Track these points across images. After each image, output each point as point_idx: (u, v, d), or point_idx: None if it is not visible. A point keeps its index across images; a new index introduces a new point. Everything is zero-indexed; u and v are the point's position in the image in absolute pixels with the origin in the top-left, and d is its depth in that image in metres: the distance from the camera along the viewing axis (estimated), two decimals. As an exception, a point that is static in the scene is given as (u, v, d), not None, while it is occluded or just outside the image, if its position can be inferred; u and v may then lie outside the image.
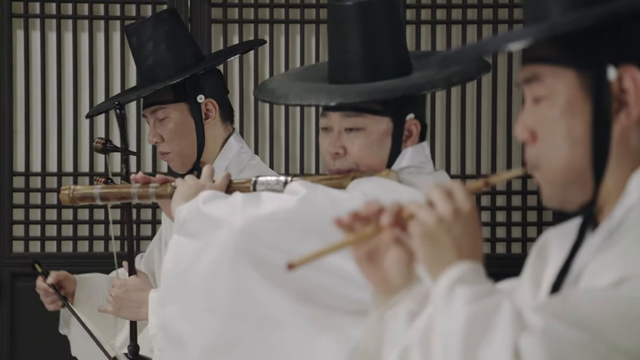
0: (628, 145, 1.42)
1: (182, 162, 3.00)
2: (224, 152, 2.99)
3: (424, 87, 2.35)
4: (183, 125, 2.97)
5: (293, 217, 2.23)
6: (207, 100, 2.98)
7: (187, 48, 3.03)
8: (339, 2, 2.42)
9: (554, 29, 1.38)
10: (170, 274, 2.32)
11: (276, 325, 2.24)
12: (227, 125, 3.03)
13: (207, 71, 3.00)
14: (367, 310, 1.61)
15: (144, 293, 2.73)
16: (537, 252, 1.56)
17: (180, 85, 2.96)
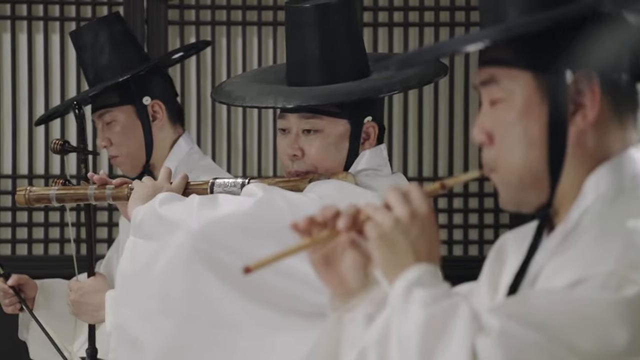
0: (584, 148, 1.43)
1: (132, 165, 2.99)
2: (173, 153, 2.99)
3: (382, 90, 2.36)
4: (130, 128, 2.97)
5: (249, 219, 2.23)
6: (153, 102, 2.98)
7: (133, 51, 3.03)
8: (296, 5, 2.42)
9: (510, 31, 1.39)
10: (126, 275, 2.31)
11: (232, 327, 2.24)
12: (176, 127, 3.03)
13: (154, 73, 3.00)
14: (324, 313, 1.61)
15: (101, 295, 2.71)
16: (494, 255, 1.56)
17: (126, 88, 2.96)
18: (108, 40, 2.99)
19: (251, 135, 4.44)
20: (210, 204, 2.26)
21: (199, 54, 4.27)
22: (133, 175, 2.99)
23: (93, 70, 3.00)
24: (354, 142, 2.38)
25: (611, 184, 1.42)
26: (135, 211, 2.32)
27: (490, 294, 1.53)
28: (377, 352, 1.40)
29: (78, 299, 2.74)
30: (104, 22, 3.05)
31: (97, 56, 2.99)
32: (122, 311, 2.30)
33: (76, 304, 2.74)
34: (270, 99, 2.37)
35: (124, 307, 2.30)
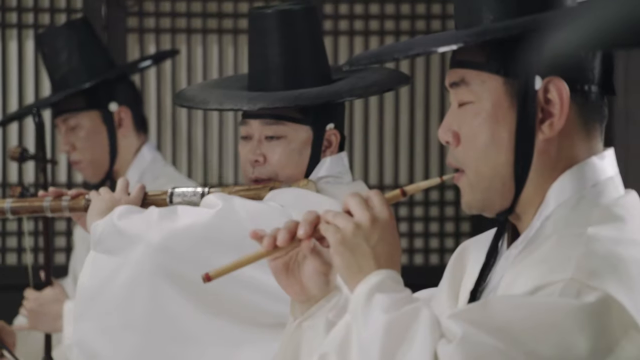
0: (549, 156, 1.43)
1: (94, 171, 2.96)
2: (137, 161, 2.97)
3: (345, 95, 2.35)
4: (95, 134, 2.95)
5: (210, 231, 2.22)
6: (119, 109, 2.96)
7: (100, 56, 3.01)
8: (259, 11, 2.42)
9: (485, 35, 1.39)
10: (86, 290, 2.29)
11: (193, 341, 2.23)
12: (140, 135, 3.01)
13: (120, 80, 2.98)
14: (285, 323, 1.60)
15: (59, 305, 2.69)
16: (455, 261, 1.56)
17: (93, 93, 2.94)
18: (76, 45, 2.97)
19: (211, 143, 4.43)
20: (169, 216, 2.25)
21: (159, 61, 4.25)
22: (95, 181, 2.96)
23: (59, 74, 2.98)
24: (315, 149, 2.38)
25: (573, 192, 1.43)
26: (94, 225, 2.30)
27: (451, 300, 1.53)
28: (338, 357, 1.40)
29: (36, 309, 2.71)
30: (72, 26, 3.03)
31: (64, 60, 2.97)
32: (82, 326, 2.28)
33: (33, 314, 2.71)
34: (234, 102, 2.36)
35: (85, 322, 2.29)
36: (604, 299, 1.31)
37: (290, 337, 1.55)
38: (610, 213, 1.41)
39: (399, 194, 1.49)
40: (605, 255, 1.35)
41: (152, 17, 4.41)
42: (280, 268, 1.53)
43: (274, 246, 1.49)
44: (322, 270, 1.51)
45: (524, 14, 1.42)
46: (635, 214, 1.44)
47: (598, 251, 1.35)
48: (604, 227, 1.39)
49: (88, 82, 2.92)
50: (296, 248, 1.50)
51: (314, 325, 1.53)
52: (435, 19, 4.42)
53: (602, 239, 1.37)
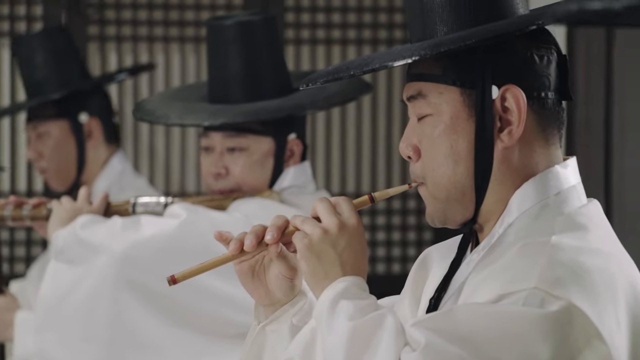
0: (510, 164, 1.44)
1: (60, 180, 2.95)
2: (106, 172, 2.96)
3: (307, 107, 2.36)
4: (62, 143, 2.93)
5: (173, 241, 2.21)
6: (90, 120, 2.95)
7: (74, 66, 3.00)
8: (218, 22, 2.42)
9: (438, 47, 1.39)
10: (48, 300, 2.28)
11: (156, 352, 2.22)
12: (110, 146, 3.00)
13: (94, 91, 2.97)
14: (249, 333, 1.60)
15: (11, 314, 2.67)
16: (417, 268, 1.56)
17: (64, 102, 2.93)
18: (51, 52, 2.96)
19: (172, 153, 4.41)
20: (133, 227, 2.24)
21: (119, 69, 4.23)
22: (61, 190, 2.95)
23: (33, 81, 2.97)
24: (278, 159, 2.38)
25: (536, 200, 1.43)
26: (55, 235, 2.29)
27: (413, 307, 1.53)
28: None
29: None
30: (49, 33, 3.02)
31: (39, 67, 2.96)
32: (43, 337, 2.27)
33: None
34: (196, 117, 2.36)
35: (46, 332, 2.27)
36: (567, 308, 1.31)
37: (254, 341, 1.55)
38: (574, 222, 1.42)
39: (367, 200, 1.49)
40: (569, 265, 1.35)
41: (113, 25, 4.39)
42: (246, 271, 1.53)
43: (240, 250, 1.49)
44: (287, 275, 1.51)
45: (477, 25, 1.42)
46: (598, 223, 1.45)
47: (561, 260, 1.36)
48: (567, 236, 1.39)
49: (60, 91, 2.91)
50: (263, 252, 1.50)
51: (278, 330, 1.53)
52: (398, 28, 4.44)
53: (565, 248, 1.38)
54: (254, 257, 1.52)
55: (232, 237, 1.51)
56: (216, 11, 4.37)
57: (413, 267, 1.57)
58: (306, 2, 4.42)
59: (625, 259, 1.43)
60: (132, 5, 4.37)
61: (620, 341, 1.34)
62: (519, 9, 1.45)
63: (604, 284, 1.35)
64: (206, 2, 4.38)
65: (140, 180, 3.02)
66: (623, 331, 1.35)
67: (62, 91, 2.90)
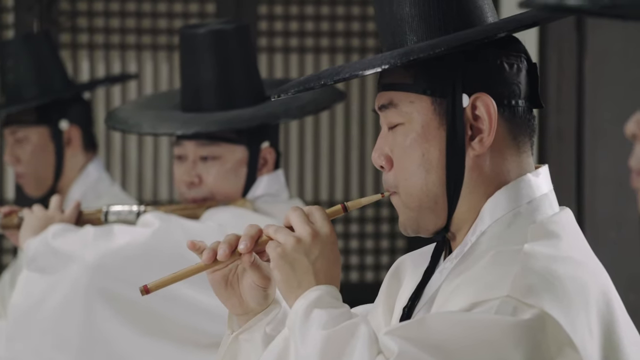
0: (482, 172, 1.44)
1: (37, 186, 2.94)
2: (81, 179, 2.95)
3: (281, 116, 2.36)
4: (41, 150, 2.93)
5: (146, 250, 2.21)
6: (70, 128, 2.94)
7: (55, 72, 2.99)
8: (191, 30, 2.42)
9: (409, 56, 1.40)
10: (19, 309, 2.27)
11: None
12: (88, 153, 2.99)
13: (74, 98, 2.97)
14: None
15: None
16: (391, 276, 1.56)
17: (45, 109, 2.92)
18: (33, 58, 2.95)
19: (145, 159, 4.40)
20: (105, 236, 2.23)
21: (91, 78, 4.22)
22: (37, 196, 2.94)
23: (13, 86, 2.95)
24: (251, 168, 2.38)
25: (508, 208, 1.44)
26: (27, 243, 2.28)
27: (386, 315, 1.53)
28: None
29: None
30: (31, 39, 3.01)
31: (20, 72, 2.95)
32: (14, 346, 2.26)
33: None
34: (168, 126, 2.36)
35: (17, 341, 2.26)
36: (540, 316, 1.32)
37: (227, 350, 1.55)
38: (546, 230, 1.42)
39: (340, 209, 1.49)
40: (541, 273, 1.36)
41: (85, 33, 4.37)
42: (219, 281, 1.53)
43: (213, 260, 1.48)
44: (261, 284, 1.51)
45: (447, 33, 1.43)
46: (570, 231, 1.45)
47: (534, 268, 1.36)
48: (539, 244, 1.40)
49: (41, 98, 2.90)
50: (236, 261, 1.50)
51: (251, 339, 1.52)
52: (370, 37, 4.45)
53: (537, 256, 1.38)
54: (227, 266, 1.51)
55: (205, 247, 1.50)
56: (189, 19, 4.37)
57: (386, 276, 1.57)
58: (279, 11, 4.42)
59: (597, 266, 1.44)
60: (104, 13, 4.36)
61: (592, 349, 1.35)
62: (488, 18, 1.46)
63: (576, 291, 1.36)
64: (179, 10, 4.38)
65: (116, 188, 3.02)
66: (595, 339, 1.36)
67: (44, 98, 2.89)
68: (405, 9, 1.44)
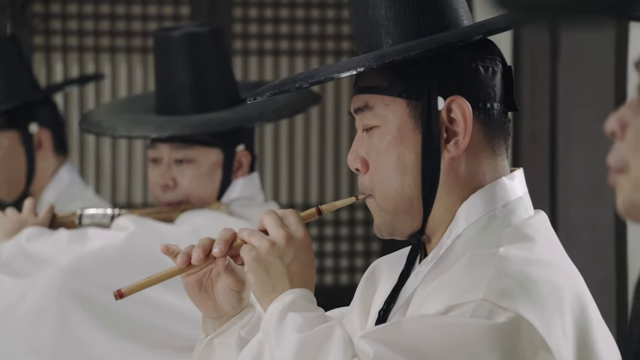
0: (457, 175, 1.44)
1: (9, 191, 2.93)
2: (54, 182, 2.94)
3: (256, 119, 2.36)
4: (12, 154, 2.91)
5: (121, 254, 2.20)
6: (40, 131, 2.93)
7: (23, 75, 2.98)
8: (165, 33, 2.41)
9: (383, 58, 1.40)
10: (-8, 313, 2.25)
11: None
12: (59, 156, 2.98)
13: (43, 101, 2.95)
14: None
15: None
16: (366, 280, 1.56)
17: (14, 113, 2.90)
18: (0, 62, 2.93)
19: (119, 161, 4.39)
20: (79, 239, 2.23)
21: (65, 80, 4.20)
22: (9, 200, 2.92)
23: None
24: (226, 171, 2.37)
25: (483, 212, 1.44)
26: (0, 247, 2.26)
27: (362, 319, 1.53)
28: (250, 375, 1.39)
29: None
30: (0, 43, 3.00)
31: None
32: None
33: None
34: (143, 129, 2.35)
35: (-10, 345, 2.24)
36: (515, 320, 1.32)
37: (201, 354, 1.54)
38: (521, 233, 1.43)
39: (314, 212, 1.50)
40: (516, 276, 1.36)
41: (59, 35, 4.35)
42: (193, 284, 1.52)
43: (188, 264, 1.48)
44: (235, 288, 1.51)
45: (422, 36, 1.43)
46: (544, 234, 1.46)
47: (509, 272, 1.37)
48: (514, 248, 1.40)
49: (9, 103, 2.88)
50: (210, 265, 1.50)
51: (226, 342, 1.52)
52: (345, 40, 4.45)
53: (513, 259, 1.38)
54: (201, 270, 1.51)
55: (179, 250, 1.50)
56: (163, 22, 4.36)
57: (362, 279, 1.57)
58: (254, 13, 4.42)
59: (571, 269, 1.45)
60: (78, 15, 4.34)
61: (566, 351, 1.35)
62: (463, 21, 1.46)
63: (551, 294, 1.36)
64: (153, 13, 4.37)
65: (89, 191, 3.01)
66: (569, 341, 1.36)
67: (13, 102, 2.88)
68: (381, 11, 1.44)
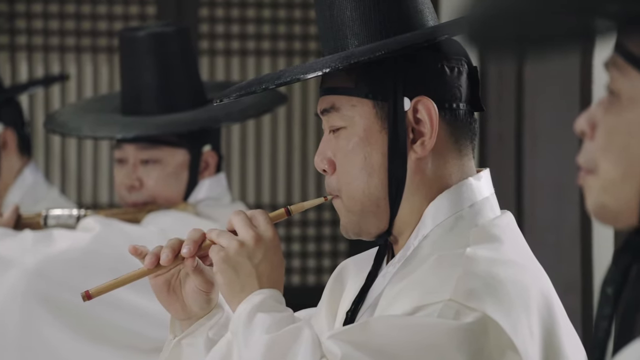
0: (424, 176, 1.45)
1: (-27, 192, 2.90)
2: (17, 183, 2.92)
3: (222, 120, 2.36)
4: None
5: (87, 255, 2.19)
6: (4, 131, 2.91)
7: None
8: (131, 33, 2.40)
9: (349, 59, 1.40)
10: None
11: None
12: (23, 157, 2.96)
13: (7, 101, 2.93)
14: (164, 347, 1.59)
15: None
16: (334, 280, 1.57)
17: None
18: None
19: (85, 162, 4.36)
20: (45, 240, 2.21)
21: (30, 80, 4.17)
22: None
23: None
24: (193, 171, 2.37)
25: (450, 212, 1.44)
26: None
27: (329, 319, 1.54)
28: (218, 376, 1.39)
29: None
30: None
31: None
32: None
33: None
34: (108, 129, 2.34)
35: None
36: (482, 320, 1.33)
37: (169, 355, 1.54)
38: (488, 233, 1.43)
39: (283, 212, 1.49)
40: (483, 276, 1.37)
41: (24, 34, 4.32)
42: (162, 285, 1.52)
43: (156, 264, 1.47)
44: (204, 289, 1.51)
45: (387, 37, 1.43)
46: (511, 234, 1.46)
47: (476, 272, 1.37)
48: (481, 248, 1.40)
49: None
50: (179, 266, 1.49)
51: (194, 343, 1.52)
52: (312, 40, 4.45)
53: (479, 259, 1.39)
54: (169, 271, 1.50)
55: (147, 251, 1.49)
56: (129, 21, 4.34)
57: (329, 280, 1.57)
58: (220, 13, 4.41)
59: (537, 269, 1.45)
60: (43, 14, 4.32)
61: (533, 351, 1.36)
62: (429, 22, 1.47)
63: (518, 294, 1.37)
64: (119, 12, 4.35)
65: (54, 191, 2.99)
66: (536, 341, 1.37)
67: None
68: (347, 12, 1.44)
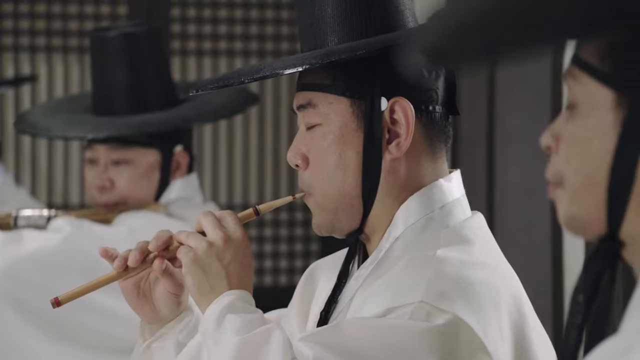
0: (397, 177, 1.45)
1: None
2: (-16, 184, 2.90)
3: (194, 120, 2.35)
4: None
5: (57, 256, 2.18)
6: None
7: None
8: (101, 33, 2.40)
9: (329, 56, 1.40)
10: None
11: (38, 368, 2.19)
12: None
13: None
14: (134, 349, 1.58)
15: None
16: (305, 282, 1.56)
17: None
18: None
19: (56, 162, 4.34)
20: (14, 241, 2.20)
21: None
22: None
23: None
24: (164, 171, 2.36)
25: (421, 214, 1.45)
26: None
27: (301, 321, 1.54)
28: (188, 378, 1.38)
29: None
30: None
31: None
32: None
33: None
34: (79, 130, 2.33)
35: None
36: (453, 321, 1.33)
37: (139, 359, 1.53)
38: (458, 235, 1.43)
39: (252, 212, 1.49)
40: (454, 278, 1.37)
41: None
42: (131, 288, 1.51)
43: (125, 268, 1.47)
44: (173, 291, 1.50)
45: (368, 36, 1.43)
46: (482, 236, 1.46)
47: (447, 273, 1.37)
48: (452, 249, 1.41)
49: None
50: (148, 269, 1.49)
51: (164, 347, 1.51)
52: (284, 40, 4.45)
53: (450, 261, 1.39)
54: (139, 273, 1.50)
55: (117, 254, 1.49)
56: (100, 21, 4.32)
57: (300, 281, 1.57)
58: (192, 13, 4.40)
59: (508, 271, 1.46)
60: (13, 14, 4.29)
61: (504, 352, 1.36)
62: (409, 22, 1.47)
63: (488, 296, 1.37)
64: (90, 12, 4.33)
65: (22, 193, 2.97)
66: (506, 343, 1.37)
67: None
68: (327, 10, 1.44)
